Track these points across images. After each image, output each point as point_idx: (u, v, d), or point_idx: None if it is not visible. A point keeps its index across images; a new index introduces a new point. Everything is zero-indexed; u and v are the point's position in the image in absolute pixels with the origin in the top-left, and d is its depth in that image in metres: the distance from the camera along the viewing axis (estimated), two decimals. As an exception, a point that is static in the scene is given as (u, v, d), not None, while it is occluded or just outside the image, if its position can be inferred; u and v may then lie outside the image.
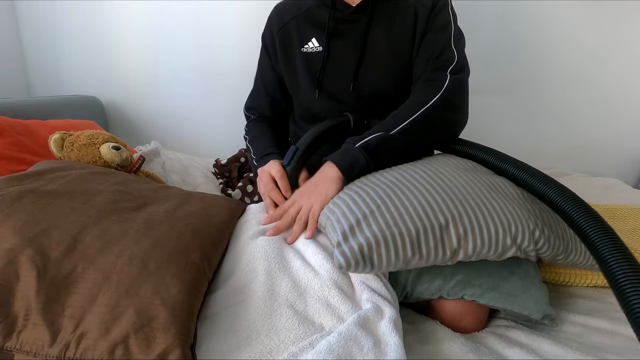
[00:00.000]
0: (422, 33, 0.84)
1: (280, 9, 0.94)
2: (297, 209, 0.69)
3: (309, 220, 0.67)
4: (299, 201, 0.70)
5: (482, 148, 0.74)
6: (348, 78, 0.87)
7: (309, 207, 0.68)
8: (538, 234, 0.60)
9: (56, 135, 0.89)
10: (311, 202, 0.68)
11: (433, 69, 0.82)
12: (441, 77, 0.79)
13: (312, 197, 0.69)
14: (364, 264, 0.56)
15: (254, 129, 0.99)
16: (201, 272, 0.55)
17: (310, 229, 0.67)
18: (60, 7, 1.64)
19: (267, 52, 0.97)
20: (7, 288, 0.47)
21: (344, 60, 0.87)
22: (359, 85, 0.88)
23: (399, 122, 0.75)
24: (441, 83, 0.78)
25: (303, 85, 0.92)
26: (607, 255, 0.45)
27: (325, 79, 0.89)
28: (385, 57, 0.87)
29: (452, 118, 0.80)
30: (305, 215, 0.68)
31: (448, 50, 0.83)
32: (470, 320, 0.66)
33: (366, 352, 0.47)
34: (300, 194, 0.72)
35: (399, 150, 0.75)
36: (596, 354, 0.57)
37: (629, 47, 1.59)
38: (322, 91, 0.90)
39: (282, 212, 0.71)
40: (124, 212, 0.62)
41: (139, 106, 1.77)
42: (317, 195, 0.69)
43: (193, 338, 0.48)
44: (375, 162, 0.71)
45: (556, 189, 0.57)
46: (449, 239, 0.58)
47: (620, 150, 1.72)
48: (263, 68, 0.99)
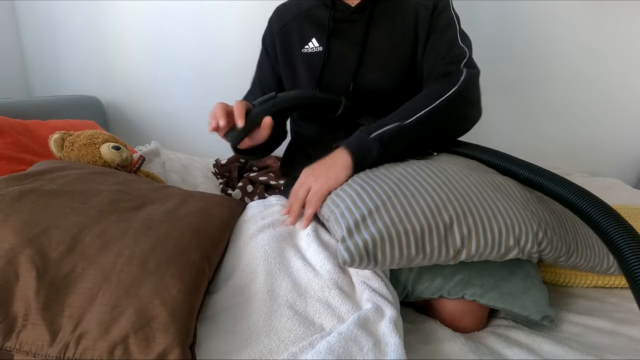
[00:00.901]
0: (426, 34, 0.84)
1: (282, 10, 0.94)
2: (307, 190, 0.69)
3: (313, 201, 0.67)
4: (307, 182, 0.70)
5: (485, 149, 0.74)
6: (348, 78, 0.87)
7: (317, 189, 0.68)
8: (541, 236, 0.60)
9: (56, 135, 0.89)
10: (320, 183, 0.68)
11: (447, 62, 0.81)
12: (457, 70, 0.79)
13: (321, 180, 0.68)
14: (368, 261, 0.56)
15: None
16: (201, 272, 0.55)
17: (312, 208, 0.67)
18: (60, 7, 1.64)
19: (267, 52, 0.96)
20: (6, 288, 0.47)
21: (344, 60, 0.87)
22: (359, 84, 0.88)
23: (414, 112, 0.74)
24: (457, 77, 0.77)
25: (303, 85, 0.92)
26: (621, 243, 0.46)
27: (325, 79, 0.89)
28: (385, 57, 0.87)
29: (466, 112, 0.79)
30: (315, 196, 0.68)
31: (456, 46, 0.82)
32: (470, 320, 0.66)
33: (366, 353, 0.47)
34: (308, 175, 0.71)
35: (412, 142, 0.74)
36: (596, 354, 0.56)
37: (629, 46, 1.59)
38: (322, 90, 0.89)
39: (296, 198, 0.71)
40: (124, 212, 0.62)
41: (139, 106, 1.77)
42: (327, 179, 0.68)
43: (193, 338, 0.48)
44: (387, 155, 0.71)
45: (567, 185, 0.58)
46: (453, 238, 0.58)
47: (620, 150, 1.72)
48: (262, 68, 0.98)
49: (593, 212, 0.53)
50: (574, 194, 0.57)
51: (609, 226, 0.50)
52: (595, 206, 0.53)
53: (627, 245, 0.46)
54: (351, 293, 0.59)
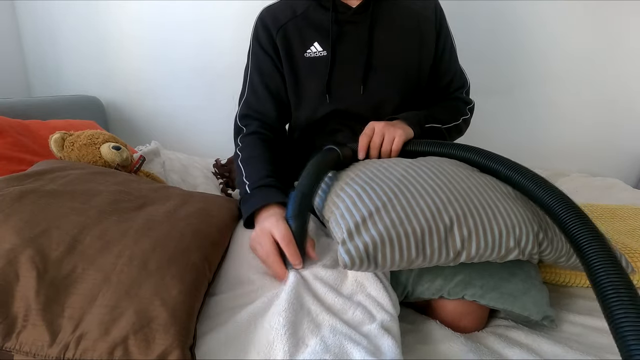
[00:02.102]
0: (434, 43, 0.91)
1: (272, 12, 0.89)
2: (381, 137, 0.72)
3: (391, 152, 0.72)
4: (381, 129, 0.73)
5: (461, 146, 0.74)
6: (357, 81, 0.85)
7: (392, 137, 0.72)
8: (542, 237, 0.60)
9: (56, 135, 0.89)
10: (394, 132, 0.72)
11: (458, 87, 0.98)
12: (467, 97, 0.99)
13: (395, 129, 0.72)
14: (369, 263, 0.56)
15: (249, 146, 0.83)
16: (201, 273, 0.55)
17: (395, 152, 0.74)
18: (60, 8, 1.64)
19: (266, 53, 0.88)
20: (6, 288, 0.47)
21: (351, 63, 0.85)
22: (369, 87, 0.86)
23: (450, 120, 0.89)
24: (469, 101, 0.98)
25: (309, 92, 0.87)
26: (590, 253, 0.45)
27: (333, 84, 0.86)
28: (392, 58, 0.86)
29: (463, 133, 0.96)
30: (389, 145, 0.72)
31: (459, 72, 0.99)
32: (470, 320, 0.66)
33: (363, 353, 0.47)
34: (380, 124, 0.75)
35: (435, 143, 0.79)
36: (596, 354, 0.56)
37: (629, 46, 1.59)
38: (331, 96, 0.86)
39: (367, 139, 0.73)
40: (124, 212, 0.62)
41: (139, 106, 1.77)
42: (401, 130, 0.73)
43: (193, 339, 0.48)
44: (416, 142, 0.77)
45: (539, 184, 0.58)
46: (453, 240, 0.58)
47: (620, 150, 1.72)
48: (263, 69, 0.88)
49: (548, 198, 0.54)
50: (536, 185, 0.57)
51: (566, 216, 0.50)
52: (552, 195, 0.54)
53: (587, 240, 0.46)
54: (350, 294, 0.59)
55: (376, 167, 0.69)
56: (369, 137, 0.75)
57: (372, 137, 0.74)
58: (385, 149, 0.74)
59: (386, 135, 0.74)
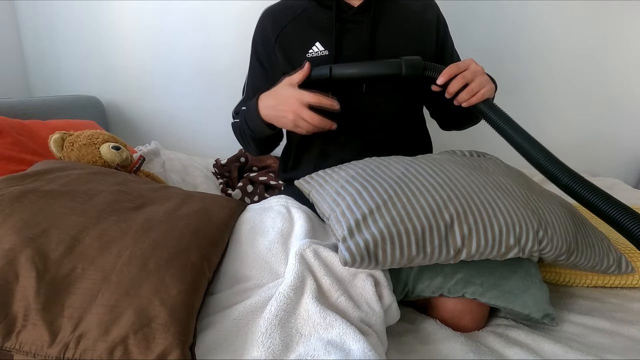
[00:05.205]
0: (435, 43, 0.89)
1: (274, 13, 0.89)
2: (473, 76, 0.69)
3: (473, 98, 0.70)
4: (478, 70, 0.70)
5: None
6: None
7: (481, 84, 0.69)
8: (542, 234, 0.60)
9: (56, 135, 0.89)
10: (487, 82, 0.70)
11: None
12: None
13: (489, 82, 0.71)
14: (369, 261, 0.56)
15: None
16: (201, 273, 0.55)
17: (477, 99, 0.70)
18: (60, 7, 1.64)
19: (261, 64, 0.90)
20: (6, 288, 0.47)
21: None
22: (371, 87, 0.85)
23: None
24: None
25: None
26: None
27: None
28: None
29: None
30: (477, 89, 0.69)
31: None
32: (470, 319, 0.66)
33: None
34: (478, 66, 0.71)
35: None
36: (596, 354, 0.57)
37: (629, 46, 1.59)
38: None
39: (457, 70, 0.70)
40: (124, 212, 0.62)
41: (139, 106, 1.77)
42: (491, 86, 0.71)
43: (192, 338, 0.48)
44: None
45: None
46: (454, 238, 0.58)
47: (620, 150, 1.72)
48: (256, 79, 0.92)
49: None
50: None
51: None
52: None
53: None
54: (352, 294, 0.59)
55: (377, 165, 0.69)
56: (459, 69, 0.70)
57: (464, 72, 0.70)
58: (472, 90, 0.70)
59: (477, 78, 0.70)
